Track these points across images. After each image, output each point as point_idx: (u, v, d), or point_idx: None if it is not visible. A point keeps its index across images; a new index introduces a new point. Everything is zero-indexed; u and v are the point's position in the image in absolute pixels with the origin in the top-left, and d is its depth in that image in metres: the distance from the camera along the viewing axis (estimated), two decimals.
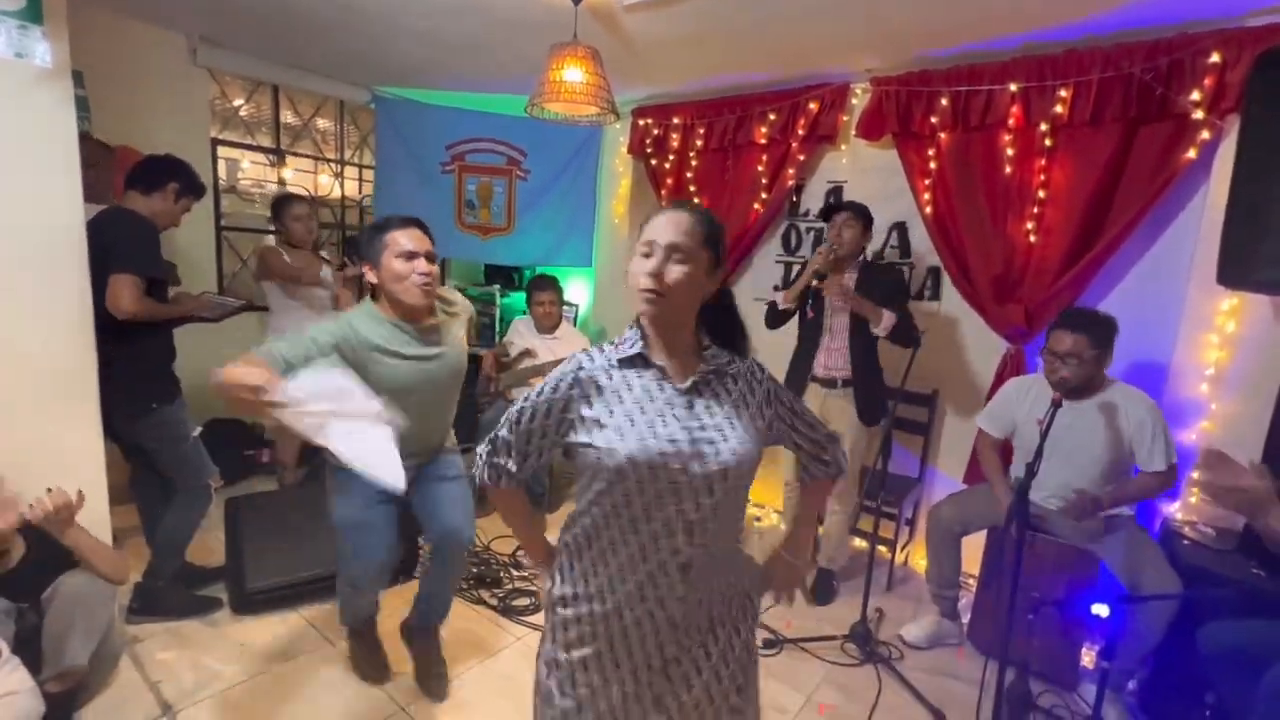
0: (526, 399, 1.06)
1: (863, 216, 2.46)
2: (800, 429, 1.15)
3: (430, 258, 1.67)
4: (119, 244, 1.92)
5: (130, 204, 2.05)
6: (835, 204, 2.51)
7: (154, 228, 2.04)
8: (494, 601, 2.45)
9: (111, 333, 1.96)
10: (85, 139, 2.08)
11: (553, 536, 1.16)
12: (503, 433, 1.08)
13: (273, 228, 3.77)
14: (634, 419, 0.97)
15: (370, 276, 1.68)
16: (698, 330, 1.06)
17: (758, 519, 3.41)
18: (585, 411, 0.99)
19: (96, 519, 1.93)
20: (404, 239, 1.64)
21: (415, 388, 1.68)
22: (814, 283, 2.39)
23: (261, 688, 1.92)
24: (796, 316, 2.59)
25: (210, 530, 2.59)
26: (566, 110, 2.40)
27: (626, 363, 1.02)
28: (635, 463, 0.93)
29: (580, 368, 1.03)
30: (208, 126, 3.35)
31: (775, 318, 2.60)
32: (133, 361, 2.05)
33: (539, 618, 2.38)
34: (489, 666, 2.10)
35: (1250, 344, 2.17)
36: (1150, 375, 2.36)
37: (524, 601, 2.46)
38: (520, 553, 2.83)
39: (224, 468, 2.69)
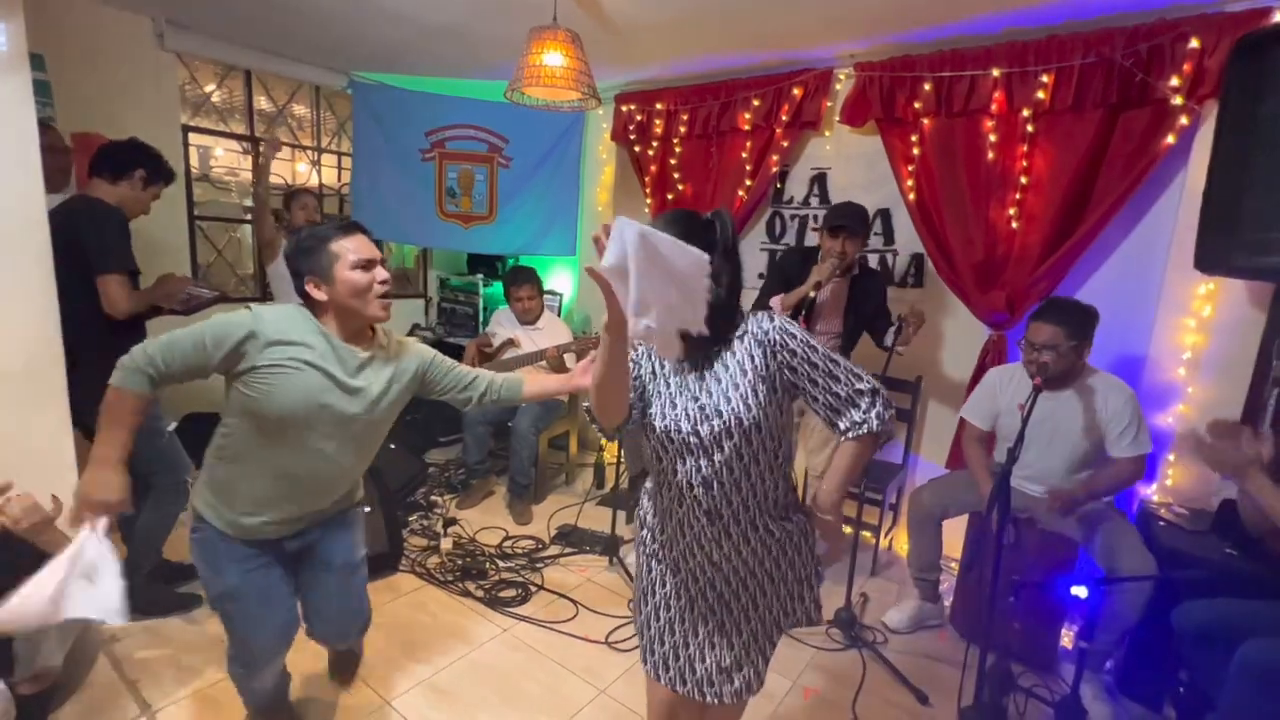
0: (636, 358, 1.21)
1: (863, 226, 2.47)
2: (818, 381, 1.10)
3: (385, 264, 1.46)
4: (98, 241, 1.86)
5: (96, 192, 1.99)
6: (839, 222, 2.41)
7: (124, 218, 1.99)
8: (479, 593, 2.44)
9: (79, 326, 1.90)
10: (45, 128, 2.01)
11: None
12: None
13: (250, 218, 3.72)
14: (661, 393, 1.18)
15: (318, 294, 1.40)
16: None
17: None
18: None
19: (69, 517, 1.88)
20: (354, 246, 1.40)
21: (319, 420, 1.39)
22: (811, 292, 2.37)
23: None
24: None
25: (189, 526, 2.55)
26: (547, 96, 2.36)
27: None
28: (655, 428, 1.16)
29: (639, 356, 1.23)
30: (178, 113, 3.26)
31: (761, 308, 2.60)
32: (103, 355, 1.99)
33: (525, 608, 2.38)
34: (473, 658, 2.09)
35: (1226, 328, 2.20)
36: (1129, 360, 2.40)
37: (510, 593, 2.45)
38: (508, 544, 2.83)
39: (201, 464, 2.64)
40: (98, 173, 2.01)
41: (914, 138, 2.74)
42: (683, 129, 3.43)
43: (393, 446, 3.30)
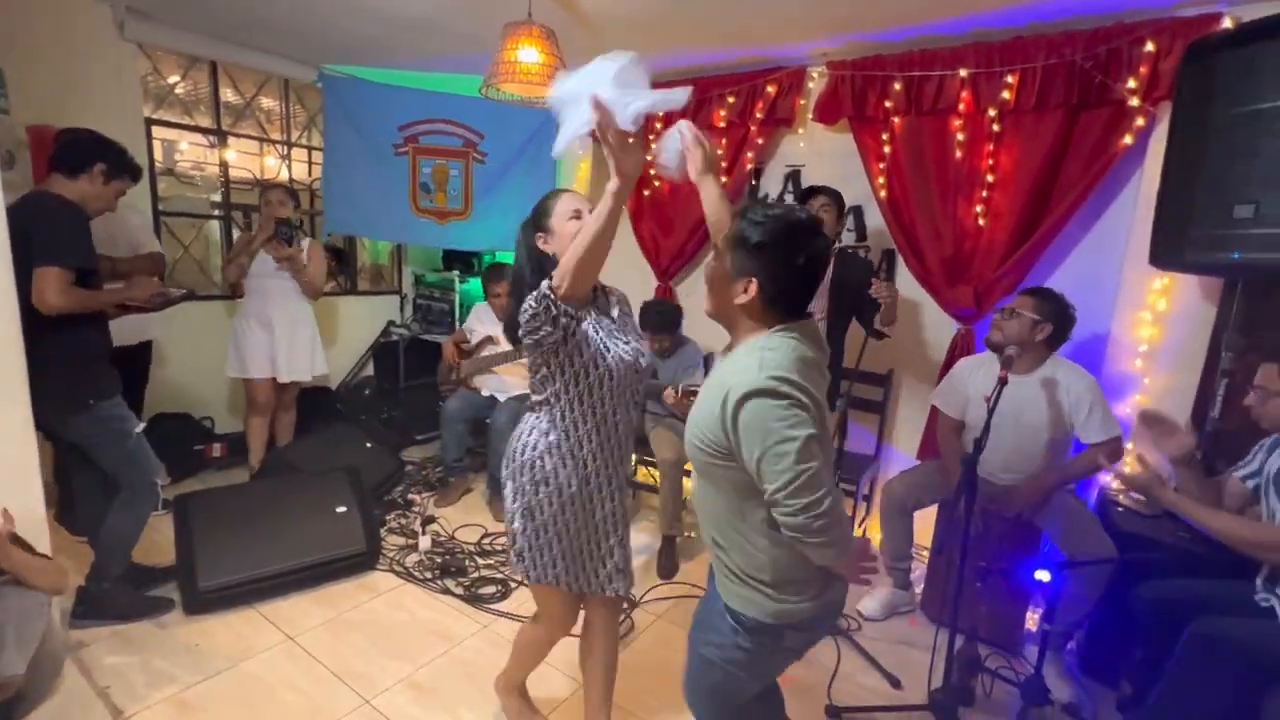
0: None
1: (838, 202, 2.49)
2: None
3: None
4: (39, 233, 1.80)
5: (55, 188, 1.92)
6: (812, 187, 2.50)
7: (80, 213, 1.91)
8: (459, 590, 2.44)
9: (42, 327, 1.84)
10: None
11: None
12: None
13: (218, 214, 3.64)
14: (608, 341, 1.43)
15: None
16: None
17: None
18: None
19: (34, 523, 1.83)
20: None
21: None
22: None
23: (219, 687, 1.87)
24: None
25: (160, 529, 2.50)
26: (523, 91, 2.35)
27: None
28: (613, 368, 1.41)
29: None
30: (140, 105, 3.16)
31: None
32: (66, 355, 1.94)
33: (505, 605, 2.38)
34: (454, 655, 2.09)
35: (1180, 321, 2.29)
36: (1091, 351, 2.48)
37: (490, 589, 2.45)
38: (487, 540, 2.83)
39: (171, 464, 2.59)
40: (55, 167, 1.95)
41: (885, 136, 2.80)
42: (658, 125, 3.43)
43: (369, 445, 3.27)
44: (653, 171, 3.52)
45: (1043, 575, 1.79)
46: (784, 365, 1.05)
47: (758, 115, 3.10)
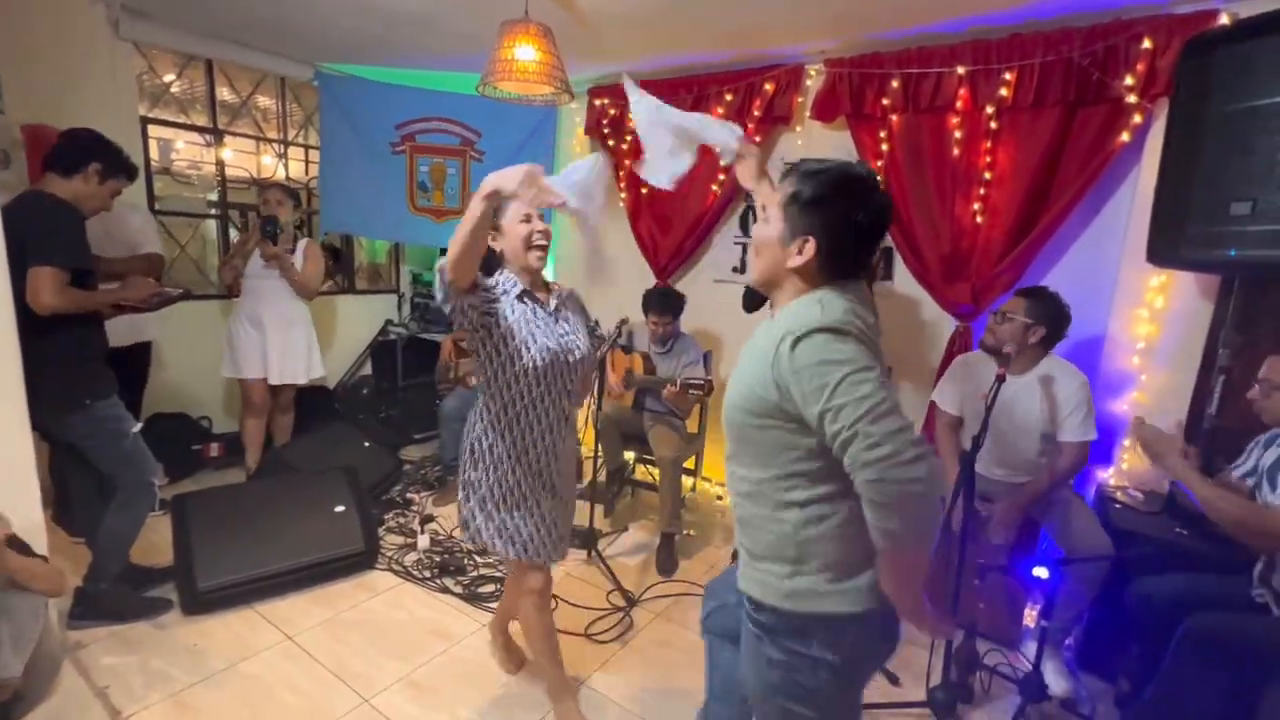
0: None
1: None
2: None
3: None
4: (34, 234, 1.79)
5: (50, 187, 1.92)
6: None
7: (75, 213, 1.91)
8: (458, 589, 2.44)
9: (38, 327, 1.83)
10: None
11: None
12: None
13: (215, 213, 3.63)
14: (535, 333, 1.59)
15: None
16: None
17: (719, 498, 3.47)
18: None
19: (31, 525, 1.83)
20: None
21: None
22: None
23: (217, 687, 1.87)
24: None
25: (158, 530, 2.50)
26: (520, 90, 2.35)
27: (517, 297, 1.61)
28: (538, 360, 1.57)
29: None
30: (135, 104, 3.15)
31: (753, 301, 2.63)
32: (62, 355, 1.94)
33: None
34: (453, 654, 2.09)
35: (1177, 318, 2.30)
36: (1088, 349, 2.48)
37: (489, 588, 2.45)
38: None
39: (168, 464, 2.59)
40: (50, 167, 1.94)
41: (882, 134, 2.79)
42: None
43: (367, 444, 3.27)
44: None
45: (1040, 572, 1.79)
46: (848, 311, 0.98)
47: (755, 113, 3.09)
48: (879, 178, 1.06)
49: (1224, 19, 2.08)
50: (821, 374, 0.91)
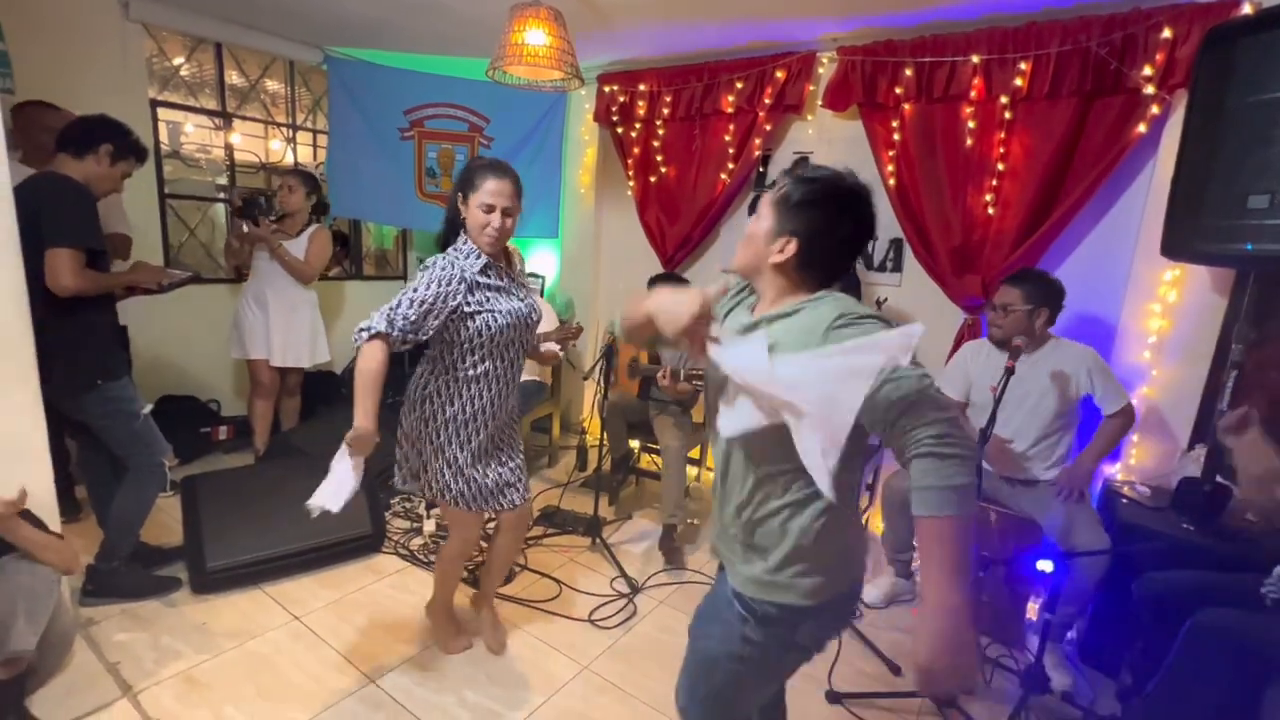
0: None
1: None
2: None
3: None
4: (51, 215, 1.80)
5: (62, 168, 1.92)
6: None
7: (88, 194, 1.92)
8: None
9: (50, 307, 1.85)
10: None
11: None
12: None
13: (222, 196, 3.63)
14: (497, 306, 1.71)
15: None
16: None
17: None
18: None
19: (44, 504, 1.85)
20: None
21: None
22: None
23: (226, 665, 1.90)
24: None
25: (168, 511, 2.52)
26: (529, 75, 2.33)
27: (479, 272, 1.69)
28: (502, 327, 1.71)
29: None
30: (145, 87, 3.15)
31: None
32: (75, 336, 1.95)
33: (509, 588, 2.40)
34: None
35: (1189, 313, 2.27)
36: (1100, 342, 2.45)
37: None
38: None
39: (178, 446, 2.61)
40: (62, 148, 1.95)
41: (895, 123, 2.76)
42: (666, 110, 3.41)
43: None
44: (659, 158, 3.52)
45: (1045, 565, 1.79)
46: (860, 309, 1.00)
47: (766, 101, 3.07)
48: (870, 192, 1.06)
49: (1247, 8, 2.05)
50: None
